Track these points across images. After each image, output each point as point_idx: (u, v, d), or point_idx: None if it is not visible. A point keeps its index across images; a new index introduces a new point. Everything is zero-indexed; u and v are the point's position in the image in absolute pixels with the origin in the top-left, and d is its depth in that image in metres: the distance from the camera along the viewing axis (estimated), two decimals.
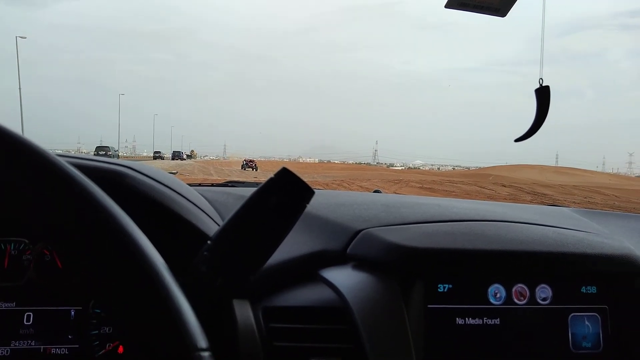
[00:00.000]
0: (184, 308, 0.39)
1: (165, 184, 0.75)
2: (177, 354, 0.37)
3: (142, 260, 0.39)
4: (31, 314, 0.73)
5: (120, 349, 0.73)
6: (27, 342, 0.72)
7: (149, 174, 0.74)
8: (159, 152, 70.89)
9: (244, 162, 45.30)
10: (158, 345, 0.37)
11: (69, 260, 0.39)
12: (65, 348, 0.73)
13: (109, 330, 0.74)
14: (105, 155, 41.62)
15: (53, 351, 0.72)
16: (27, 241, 0.75)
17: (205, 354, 0.37)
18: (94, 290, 0.39)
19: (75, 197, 0.39)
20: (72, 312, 0.74)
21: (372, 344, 0.65)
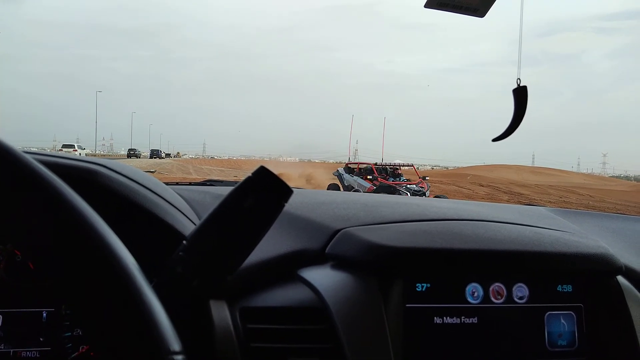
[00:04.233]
0: (156, 310, 0.38)
1: (140, 182, 0.73)
2: (149, 358, 0.36)
3: (112, 261, 0.38)
4: (1, 316, 0.71)
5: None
6: None
7: (122, 172, 0.72)
8: (135, 149, 69.53)
9: None
10: (129, 348, 0.36)
11: (35, 261, 0.38)
12: (36, 351, 0.71)
13: (82, 332, 0.72)
14: (134, 155, 57.66)
15: (23, 354, 0.70)
16: None
17: (179, 357, 0.36)
18: (61, 292, 0.38)
19: (42, 196, 0.38)
20: (44, 314, 0.72)
21: (351, 344, 0.65)
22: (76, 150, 40.48)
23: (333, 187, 16.65)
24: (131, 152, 63.66)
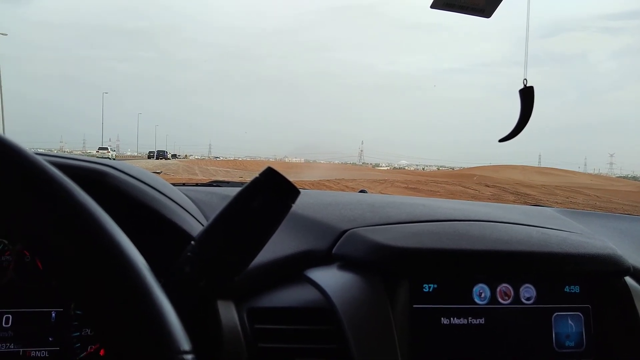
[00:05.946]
0: (166, 310, 0.38)
1: (148, 183, 0.74)
2: (159, 357, 0.36)
3: (122, 261, 0.38)
4: (10, 316, 0.71)
5: (102, 351, 0.72)
6: (6, 345, 0.70)
7: (131, 173, 0.73)
8: (154, 152, 72.29)
9: None
10: (139, 348, 0.36)
11: (45, 262, 0.38)
12: (45, 351, 0.71)
13: (90, 332, 0.73)
14: (153, 156, 62.21)
15: (33, 354, 0.71)
16: (6, 242, 0.74)
17: (189, 356, 0.36)
18: (71, 292, 0.38)
19: (52, 196, 0.38)
20: (53, 314, 0.73)
21: (358, 345, 0.65)
22: (109, 152, 49.61)
23: None
24: (151, 154, 67.54)
